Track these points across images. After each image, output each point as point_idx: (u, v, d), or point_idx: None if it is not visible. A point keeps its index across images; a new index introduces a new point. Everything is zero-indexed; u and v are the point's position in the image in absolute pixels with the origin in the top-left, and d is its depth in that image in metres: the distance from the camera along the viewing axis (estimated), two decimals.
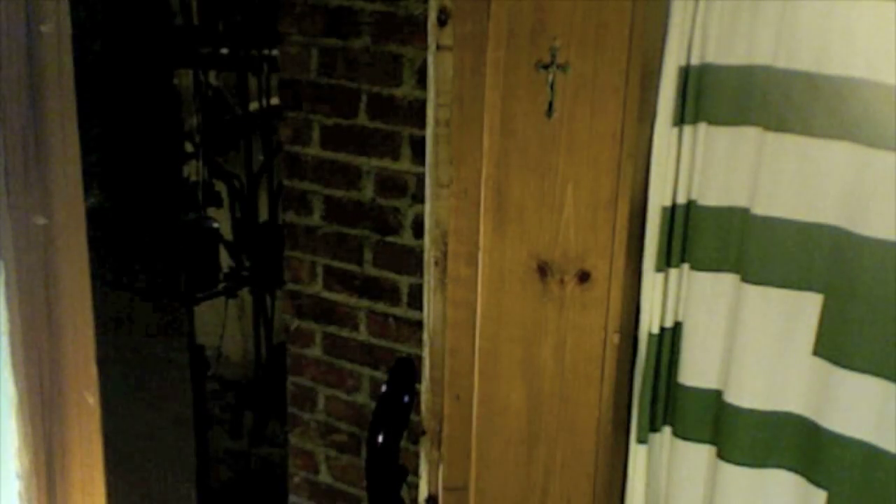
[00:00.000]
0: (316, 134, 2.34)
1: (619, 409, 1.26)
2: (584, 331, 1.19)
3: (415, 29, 2.14)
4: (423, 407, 1.32)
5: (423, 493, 1.31)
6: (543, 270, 1.19)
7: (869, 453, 1.12)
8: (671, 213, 1.19)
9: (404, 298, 2.31)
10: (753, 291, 1.16)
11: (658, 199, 1.19)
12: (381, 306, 2.35)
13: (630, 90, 1.11)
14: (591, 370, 1.20)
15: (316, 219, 2.39)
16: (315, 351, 2.49)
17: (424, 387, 1.27)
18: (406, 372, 1.78)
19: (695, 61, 1.14)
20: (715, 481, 1.24)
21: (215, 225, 3.25)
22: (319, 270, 2.43)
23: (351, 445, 2.50)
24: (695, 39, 1.13)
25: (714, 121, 1.15)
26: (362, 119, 2.26)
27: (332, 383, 2.49)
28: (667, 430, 1.28)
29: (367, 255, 2.34)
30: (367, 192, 2.29)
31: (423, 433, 1.32)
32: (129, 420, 2.90)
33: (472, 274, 1.21)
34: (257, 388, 3.43)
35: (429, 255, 1.23)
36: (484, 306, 1.21)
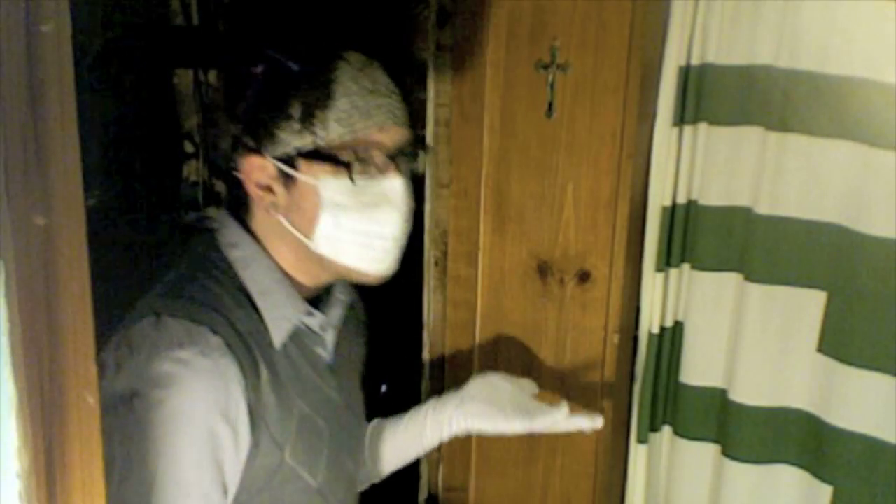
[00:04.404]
0: None
1: (619, 410, 1.25)
2: (584, 331, 1.19)
3: (415, 29, 2.13)
4: None
5: (423, 493, 1.31)
6: (543, 270, 1.19)
7: (874, 447, 1.12)
8: (671, 213, 1.19)
9: None
10: (757, 290, 1.16)
11: (658, 199, 1.19)
12: None
13: (630, 90, 1.11)
14: (591, 370, 1.20)
15: None
16: None
17: (424, 387, 1.27)
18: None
19: (695, 61, 1.13)
20: (720, 479, 1.24)
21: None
22: None
23: None
24: (695, 39, 1.13)
25: (715, 121, 1.15)
26: None
27: None
28: (667, 429, 1.28)
29: None
30: None
31: None
32: None
33: (472, 274, 1.21)
34: None
35: (429, 255, 1.23)
36: (484, 306, 1.21)
